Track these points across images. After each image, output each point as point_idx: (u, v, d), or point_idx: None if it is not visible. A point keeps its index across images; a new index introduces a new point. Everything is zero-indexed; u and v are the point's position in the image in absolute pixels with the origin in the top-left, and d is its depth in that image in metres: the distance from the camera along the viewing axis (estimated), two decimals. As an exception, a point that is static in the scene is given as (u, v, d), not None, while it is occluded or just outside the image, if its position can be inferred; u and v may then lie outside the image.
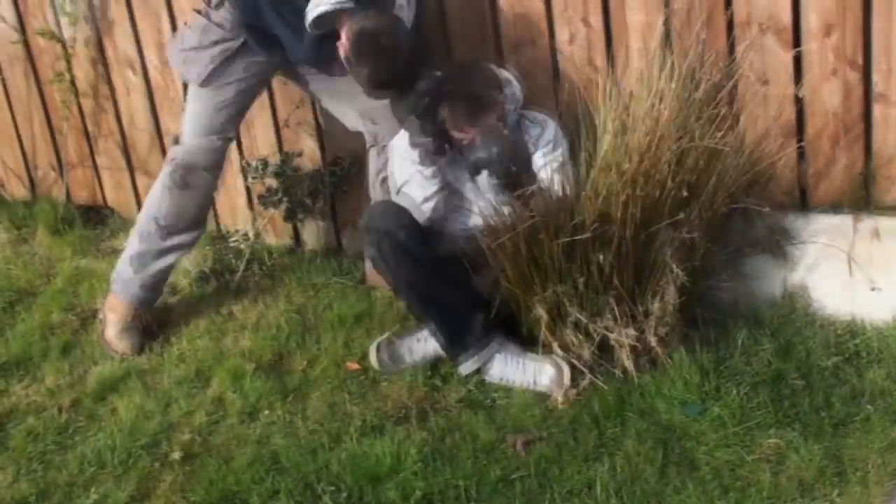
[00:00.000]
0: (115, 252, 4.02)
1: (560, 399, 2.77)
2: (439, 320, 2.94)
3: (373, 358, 3.00)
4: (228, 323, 3.44)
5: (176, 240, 3.37)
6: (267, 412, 2.92)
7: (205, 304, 3.57)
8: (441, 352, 2.97)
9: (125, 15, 3.88)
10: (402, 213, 2.92)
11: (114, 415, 2.99)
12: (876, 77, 2.89)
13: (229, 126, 3.31)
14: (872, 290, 2.89)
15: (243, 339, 3.30)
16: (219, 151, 3.31)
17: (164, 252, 3.38)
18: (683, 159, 2.73)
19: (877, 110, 2.93)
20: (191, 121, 3.29)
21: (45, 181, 4.39)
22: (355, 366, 3.08)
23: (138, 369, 3.21)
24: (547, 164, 2.91)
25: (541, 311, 2.79)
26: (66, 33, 4.00)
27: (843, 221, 2.99)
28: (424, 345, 3.00)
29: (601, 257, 2.68)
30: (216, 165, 3.34)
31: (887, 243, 2.92)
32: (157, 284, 3.44)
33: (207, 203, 3.45)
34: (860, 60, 2.90)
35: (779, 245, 3.03)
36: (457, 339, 2.92)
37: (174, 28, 3.80)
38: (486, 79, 2.99)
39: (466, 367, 2.92)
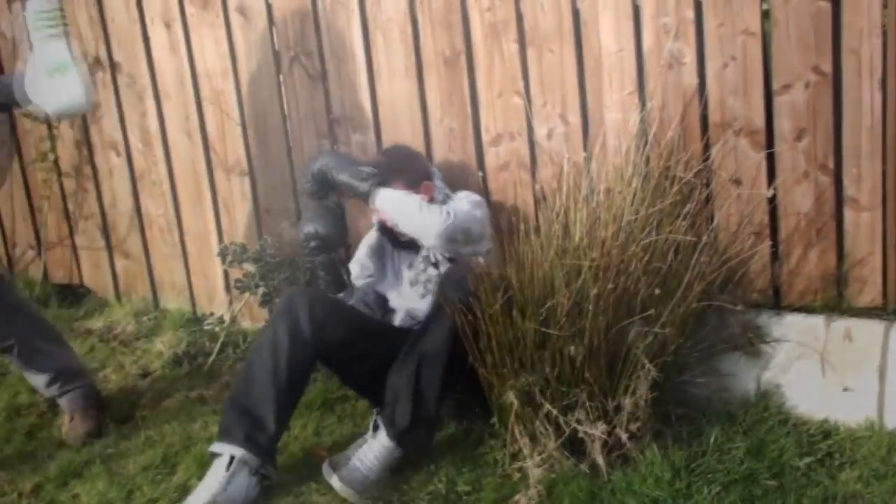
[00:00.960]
0: (90, 332, 4.02)
1: None
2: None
3: (341, 488, 2.79)
4: (199, 407, 3.40)
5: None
6: (232, 501, 2.86)
7: (176, 387, 3.54)
8: (389, 443, 2.84)
9: (111, 98, 3.94)
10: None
11: (75, 501, 2.93)
12: (846, 181, 2.95)
13: None
14: (845, 391, 2.89)
15: (213, 425, 3.25)
16: None
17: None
18: (655, 254, 2.76)
19: (847, 214, 2.97)
20: None
21: (23, 259, 4.38)
22: (324, 454, 3.03)
23: (103, 454, 3.15)
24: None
25: (512, 398, 2.78)
26: (52, 114, 4.04)
27: (815, 322, 3.01)
28: (370, 449, 2.85)
29: (573, 349, 2.67)
30: None
31: (859, 345, 2.93)
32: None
33: None
34: (831, 164, 2.96)
35: (752, 343, 3.03)
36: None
37: (159, 111, 3.85)
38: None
39: (217, 447, 2.83)
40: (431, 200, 3.08)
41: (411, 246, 3.15)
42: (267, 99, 3.66)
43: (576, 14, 3.14)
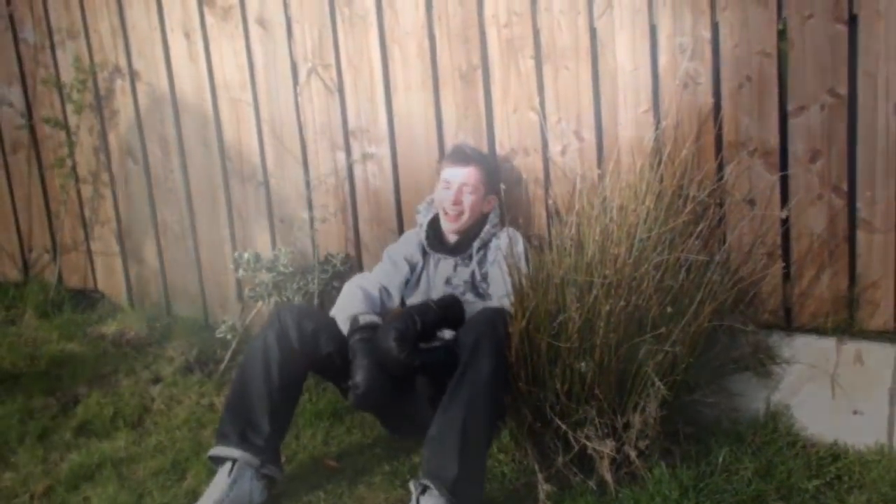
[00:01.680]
0: (102, 337, 4.04)
1: None
2: None
3: None
4: (209, 414, 3.41)
5: None
6: (241, 508, 2.88)
7: (187, 394, 3.56)
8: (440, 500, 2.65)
9: (130, 105, 3.97)
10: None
11: (86, 504, 2.96)
12: (860, 203, 2.96)
13: None
14: (855, 413, 2.89)
15: (223, 432, 3.27)
16: None
17: None
18: (667, 273, 2.76)
19: (860, 236, 2.98)
20: None
21: (38, 263, 4.42)
22: (333, 464, 3.05)
23: (115, 458, 3.16)
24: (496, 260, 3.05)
25: (526, 413, 2.78)
26: (71, 121, 4.09)
27: (826, 344, 3.01)
28: None
29: (583, 365, 2.68)
30: None
31: (870, 368, 2.93)
32: None
33: None
34: (845, 187, 2.96)
35: (762, 364, 3.04)
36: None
37: (177, 120, 3.88)
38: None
39: (214, 451, 2.87)
40: (487, 216, 3.18)
41: (454, 252, 3.17)
42: (284, 110, 3.68)
43: (592, 32, 3.16)
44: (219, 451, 2.84)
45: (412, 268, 3.20)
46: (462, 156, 3.19)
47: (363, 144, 3.58)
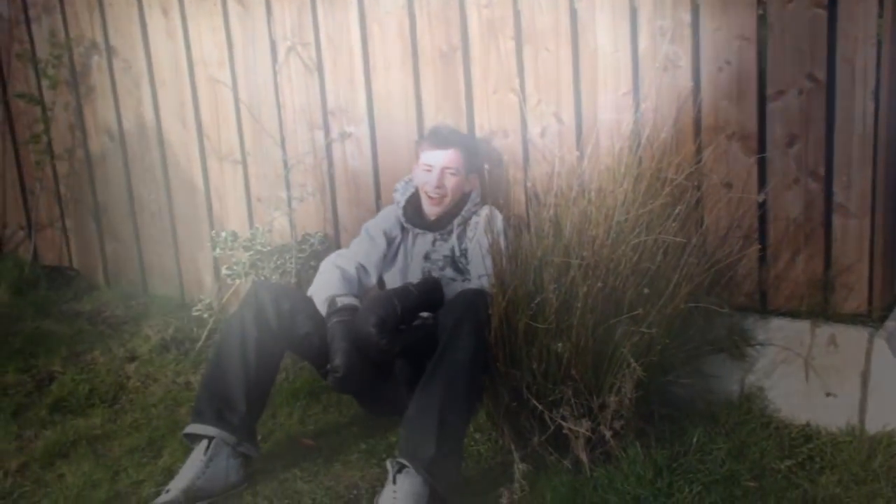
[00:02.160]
0: (78, 315, 4.02)
1: None
2: None
3: None
4: (185, 392, 3.41)
5: None
6: (216, 486, 2.87)
7: (163, 372, 3.55)
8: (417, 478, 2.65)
9: (107, 82, 3.94)
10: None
11: (61, 481, 2.93)
12: (836, 188, 2.97)
13: None
14: (827, 395, 2.92)
15: (199, 411, 3.26)
16: None
17: None
18: (644, 255, 2.78)
19: (836, 220, 3.00)
20: None
21: (12, 240, 4.38)
22: (309, 442, 3.05)
23: (90, 436, 3.15)
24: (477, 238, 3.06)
25: (503, 393, 2.80)
26: (47, 96, 4.04)
27: (801, 327, 3.04)
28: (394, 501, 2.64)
29: (560, 346, 2.69)
30: None
31: (844, 351, 2.96)
32: None
33: None
34: (821, 171, 2.98)
35: (737, 346, 3.06)
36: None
37: (154, 97, 3.85)
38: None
39: (189, 428, 2.85)
40: (468, 194, 3.17)
41: (433, 227, 3.16)
42: (262, 88, 3.66)
43: (573, 13, 3.15)
44: (195, 428, 2.84)
45: (390, 242, 3.19)
46: (442, 138, 3.18)
47: (342, 124, 3.56)
